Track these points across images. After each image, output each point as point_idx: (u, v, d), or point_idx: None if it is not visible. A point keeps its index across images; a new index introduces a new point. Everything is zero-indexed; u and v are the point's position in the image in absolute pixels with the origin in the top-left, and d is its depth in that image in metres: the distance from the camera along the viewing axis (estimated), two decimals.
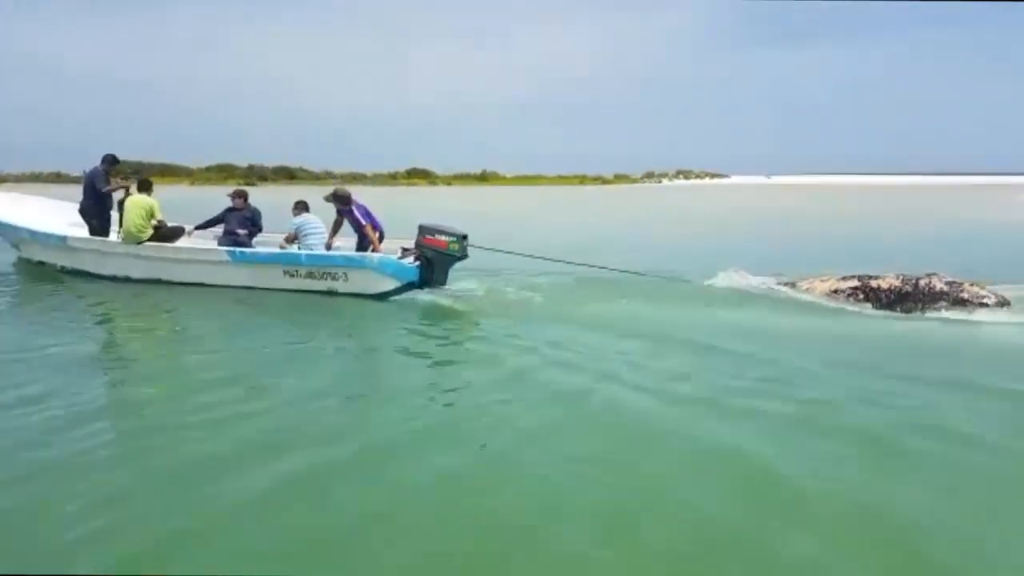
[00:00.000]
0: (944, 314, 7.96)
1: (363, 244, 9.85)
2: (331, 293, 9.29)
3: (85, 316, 8.27)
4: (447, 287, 9.47)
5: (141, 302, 9.09)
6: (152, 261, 9.95)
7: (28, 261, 11.19)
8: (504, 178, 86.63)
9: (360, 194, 10.62)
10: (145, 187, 10.33)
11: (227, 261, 9.56)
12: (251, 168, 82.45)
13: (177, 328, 7.95)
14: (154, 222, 10.10)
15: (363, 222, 9.71)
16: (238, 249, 9.68)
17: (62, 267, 10.71)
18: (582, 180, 78.81)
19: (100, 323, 8.11)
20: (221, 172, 78.41)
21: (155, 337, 7.68)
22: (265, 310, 8.56)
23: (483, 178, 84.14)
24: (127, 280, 10.05)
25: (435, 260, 9.46)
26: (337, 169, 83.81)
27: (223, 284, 9.60)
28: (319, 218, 10.16)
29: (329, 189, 10.60)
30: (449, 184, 75.19)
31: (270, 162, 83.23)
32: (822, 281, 9.12)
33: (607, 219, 26.77)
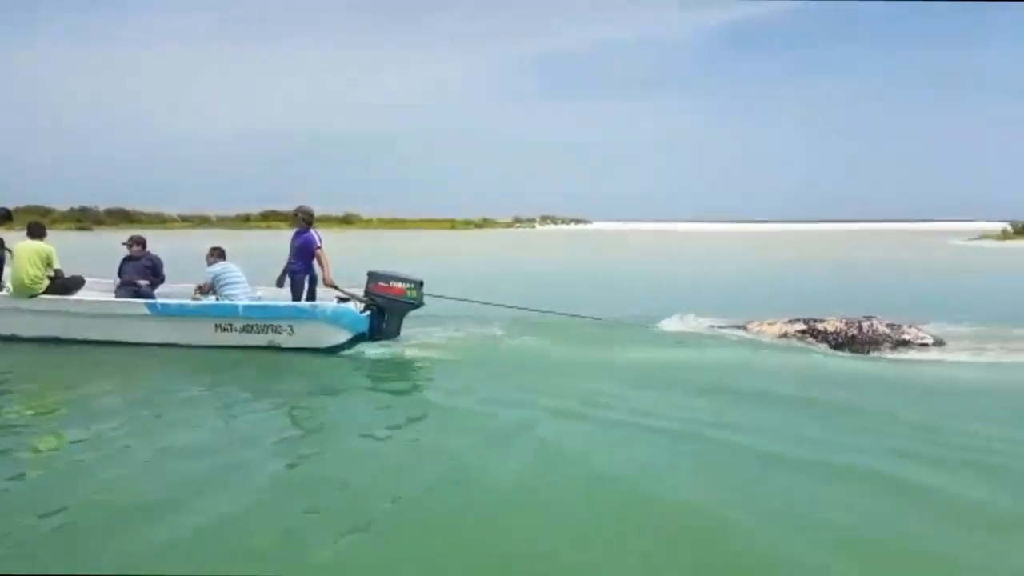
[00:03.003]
0: (891, 354, 8.43)
1: (299, 273, 8.95)
2: (272, 348, 8.44)
3: None
4: (400, 337, 8.90)
5: (40, 365, 7.81)
6: (49, 316, 8.61)
7: None
8: (368, 221, 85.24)
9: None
10: (37, 232, 8.99)
11: (145, 315, 8.45)
12: (83, 211, 75.46)
13: (89, 394, 6.62)
14: (50, 272, 8.78)
15: (320, 244, 8.92)
16: (160, 301, 8.59)
17: None
18: (453, 224, 78.91)
19: None
20: (35, 215, 71.16)
21: (63, 403, 6.44)
22: (196, 369, 7.63)
23: (347, 220, 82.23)
24: (14, 339, 8.63)
25: (388, 308, 8.88)
26: (171, 210, 78.49)
27: (139, 342, 8.46)
28: (237, 265, 9.29)
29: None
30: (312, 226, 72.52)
31: (101, 204, 76.58)
32: (770, 324, 9.45)
33: (531, 263, 26.86)
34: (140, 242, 9.42)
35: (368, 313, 8.80)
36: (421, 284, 8.89)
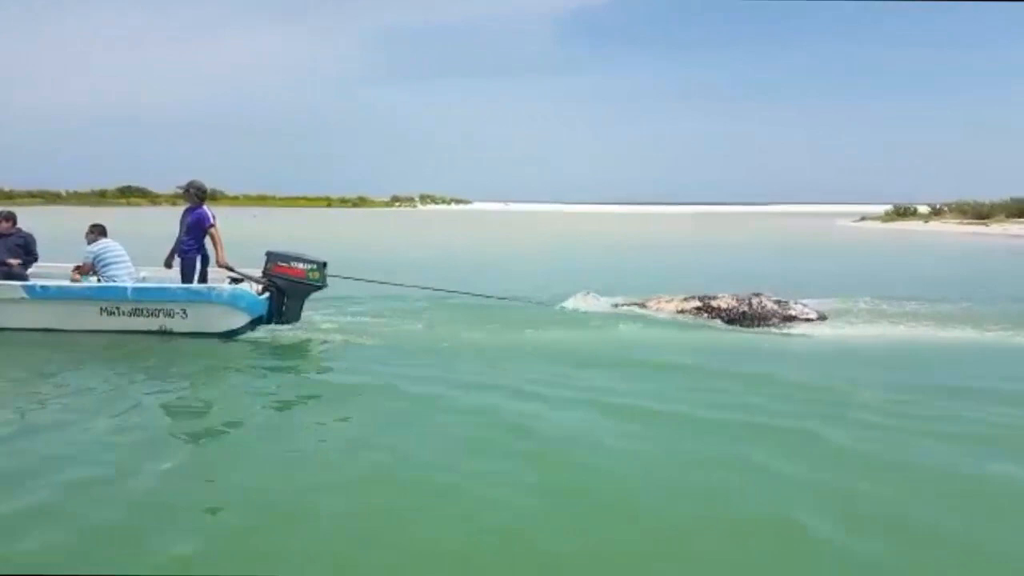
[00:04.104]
0: (781, 328, 9.00)
1: (191, 252, 8.25)
2: (163, 333, 7.89)
3: None
4: (302, 321, 8.56)
5: None
6: None
7: None
8: (235, 198, 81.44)
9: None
10: None
11: (22, 298, 7.68)
12: None
13: None
14: None
15: (213, 222, 8.31)
16: (39, 283, 7.82)
17: None
18: (328, 202, 76.40)
19: None
20: None
21: None
22: (82, 356, 7.02)
23: (211, 197, 78.07)
24: None
25: (288, 291, 8.48)
26: (9, 185, 71.21)
27: (13, 327, 7.69)
28: (119, 244, 8.64)
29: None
30: (174, 203, 68.20)
31: None
32: (667, 302, 9.84)
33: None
34: (10, 218, 8.52)
35: (267, 295, 8.41)
36: (324, 265, 8.56)
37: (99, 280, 8.25)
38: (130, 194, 67.73)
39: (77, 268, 8.40)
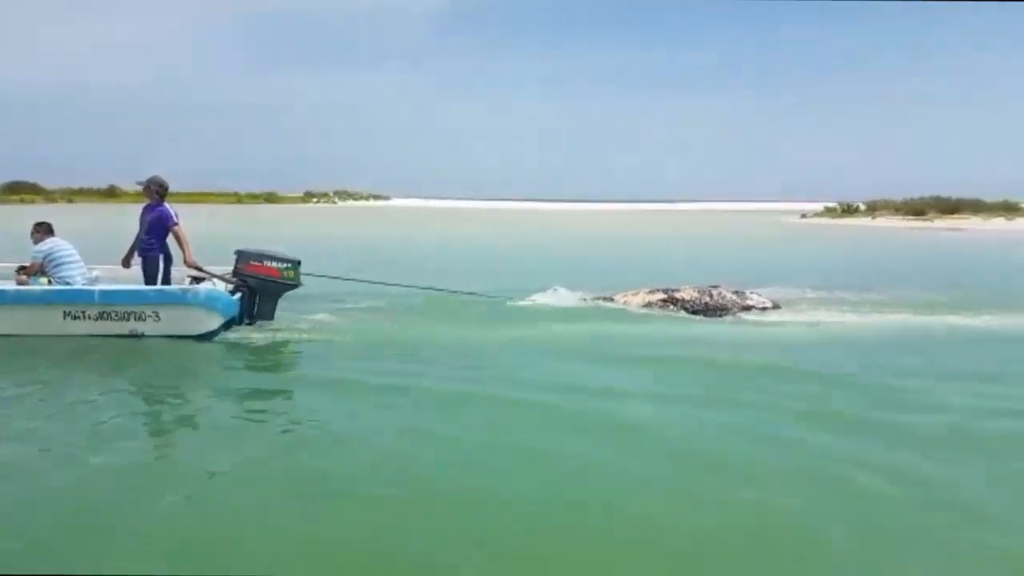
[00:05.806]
0: (740, 316, 9.54)
1: (154, 251, 7.97)
2: (134, 336, 7.55)
3: None
4: (276, 320, 8.37)
5: None
6: None
7: None
8: (137, 194, 77.22)
9: None
10: None
11: None
12: None
13: None
14: None
15: (176, 220, 8.00)
16: None
17: None
18: (238, 198, 73.51)
19: None
20: None
21: None
22: (44, 364, 6.58)
23: (111, 194, 74.01)
24: None
25: (261, 290, 8.29)
26: None
27: None
28: (70, 243, 8.21)
29: None
30: (71, 201, 64.20)
31: None
32: (633, 295, 10.18)
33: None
34: None
35: (239, 295, 8.18)
36: (298, 264, 8.39)
37: (49, 281, 7.79)
38: (21, 191, 63.00)
39: (22, 268, 7.91)
